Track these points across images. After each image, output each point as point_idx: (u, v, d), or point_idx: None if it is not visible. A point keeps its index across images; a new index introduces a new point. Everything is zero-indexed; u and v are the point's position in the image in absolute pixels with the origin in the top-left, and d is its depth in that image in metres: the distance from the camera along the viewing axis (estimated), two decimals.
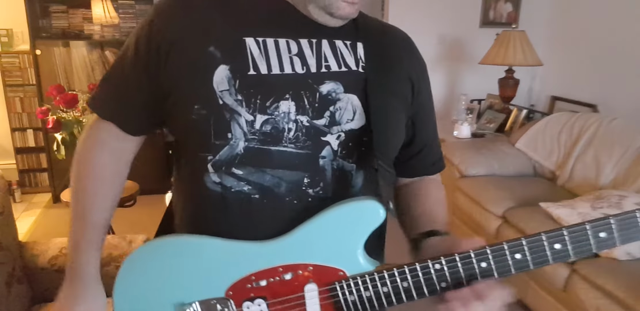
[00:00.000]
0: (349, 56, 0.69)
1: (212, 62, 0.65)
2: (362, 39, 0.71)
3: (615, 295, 1.62)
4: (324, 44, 0.68)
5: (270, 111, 0.65)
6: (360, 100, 0.68)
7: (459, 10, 4.19)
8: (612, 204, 1.94)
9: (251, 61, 0.65)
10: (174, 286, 0.68)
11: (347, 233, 0.64)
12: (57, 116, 2.10)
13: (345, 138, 0.68)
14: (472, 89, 4.06)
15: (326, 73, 0.67)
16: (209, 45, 0.65)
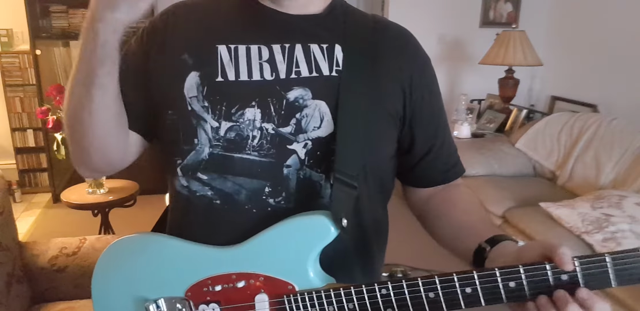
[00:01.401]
0: (323, 60, 0.67)
1: (184, 69, 0.66)
2: (342, 41, 0.68)
3: (616, 295, 1.62)
4: (297, 49, 0.66)
5: (235, 118, 0.65)
6: (330, 106, 0.65)
7: (459, 10, 4.19)
8: (612, 204, 1.94)
9: (220, 67, 0.66)
10: (141, 281, 0.70)
11: (298, 246, 0.64)
12: (57, 115, 2.10)
13: (313, 146, 0.65)
14: (472, 89, 4.06)
15: (295, 79, 0.65)
16: (183, 52, 0.67)
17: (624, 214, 1.88)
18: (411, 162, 0.75)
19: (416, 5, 4.07)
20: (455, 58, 4.23)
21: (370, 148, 0.68)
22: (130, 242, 0.73)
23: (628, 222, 1.84)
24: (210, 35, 0.67)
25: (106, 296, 0.73)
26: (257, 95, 0.65)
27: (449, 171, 0.77)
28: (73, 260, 1.50)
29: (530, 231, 2.04)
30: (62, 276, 1.49)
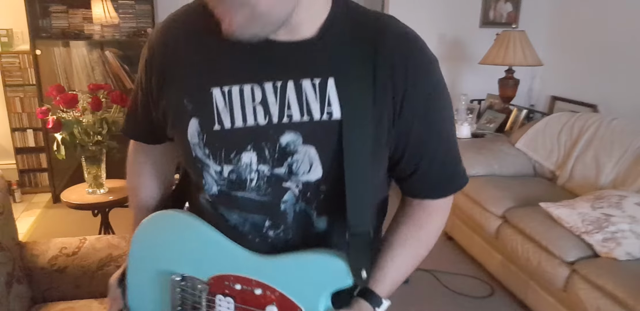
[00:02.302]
0: (315, 100, 0.65)
1: (186, 115, 0.70)
2: (336, 72, 0.65)
3: (616, 295, 1.62)
4: (289, 88, 0.66)
5: (234, 162, 0.69)
6: (319, 151, 0.66)
7: (459, 10, 4.19)
8: (612, 204, 1.94)
9: (216, 115, 0.68)
10: (175, 255, 0.76)
11: (316, 280, 0.68)
12: (57, 116, 2.10)
13: (304, 188, 0.69)
14: (472, 89, 4.06)
15: (287, 123, 0.66)
16: (183, 97, 0.70)
17: (624, 214, 1.88)
18: (400, 175, 0.75)
19: (416, 5, 4.07)
20: (455, 58, 4.23)
21: (375, 191, 0.72)
22: (175, 218, 0.78)
23: (628, 222, 1.84)
24: (205, 77, 0.69)
25: (141, 260, 0.80)
26: (252, 139, 0.68)
27: (433, 189, 0.75)
28: (73, 260, 1.50)
29: (530, 231, 2.04)
30: (62, 276, 1.49)
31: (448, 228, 2.80)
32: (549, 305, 1.95)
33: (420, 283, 2.36)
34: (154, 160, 0.89)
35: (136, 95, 0.81)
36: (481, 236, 2.44)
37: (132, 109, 0.84)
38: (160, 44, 0.73)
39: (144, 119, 0.80)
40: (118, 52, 3.35)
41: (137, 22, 3.36)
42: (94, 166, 2.23)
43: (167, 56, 0.72)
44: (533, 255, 1.99)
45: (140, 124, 0.82)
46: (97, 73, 3.34)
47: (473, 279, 2.41)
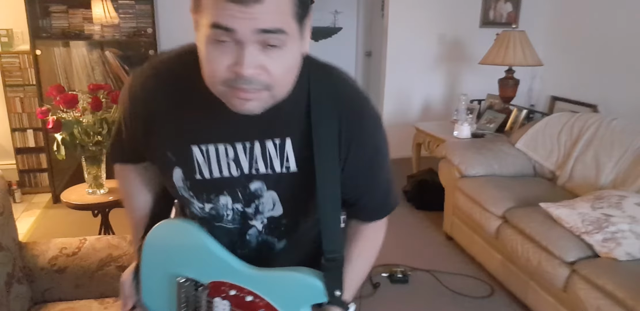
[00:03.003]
0: (276, 157, 0.79)
1: (170, 164, 0.82)
2: (292, 134, 0.77)
3: (616, 295, 1.62)
4: (255, 148, 0.78)
5: (214, 201, 0.84)
6: (279, 195, 0.82)
7: (459, 10, 4.19)
8: (612, 205, 1.94)
9: (197, 167, 0.80)
10: (181, 260, 0.86)
11: (297, 295, 0.80)
12: (57, 116, 2.10)
13: (268, 222, 0.86)
14: (472, 89, 4.07)
15: (255, 175, 0.80)
16: (166, 149, 0.81)
17: (624, 214, 1.88)
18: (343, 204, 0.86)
19: (416, 5, 4.07)
20: (455, 58, 4.23)
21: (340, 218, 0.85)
22: (182, 226, 0.87)
23: (628, 222, 1.84)
24: (186, 136, 0.79)
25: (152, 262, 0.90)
26: (228, 186, 0.82)
27: (363, 212, 0.90)
28: (73, 260, 1.50)
29: (530, 231, 2.04)
30: (62, 276, 1.49)
31: (448, 228, 2.80)
32: (549, 305, 1.95)
33: (420, 283, 2.36)
34: (142, 173, 0.98)
35: (120, 130, 0.88)
36: (481, 236, 2.44)
37: (116, 139, 0.92)
38: (144, 97, 0.80)
39: (130, 146, 0.89)
40: (118, 52, 3.35)
41: (137, 22, 3.36)
42: (94, 166, 2.23)
43: (151, 111, 0.80)
44: (533, 255, 1.99)
45: (126, 150, 0.92)
46: (97, 73, 3.34)
47: (473, 279, 2.41)
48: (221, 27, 0.62)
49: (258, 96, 0.67)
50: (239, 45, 0.63)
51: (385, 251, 0.98)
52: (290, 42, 0.65)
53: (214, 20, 0.62)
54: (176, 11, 3.61)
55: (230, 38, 0.63)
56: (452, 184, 2.70)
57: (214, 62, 0.65)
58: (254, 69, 0.64)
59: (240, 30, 0.62)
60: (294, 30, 0.65)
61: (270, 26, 0.62)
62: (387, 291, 2.29)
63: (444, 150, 2.79)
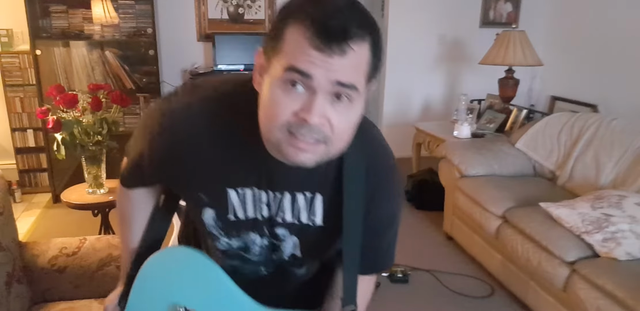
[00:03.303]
0: (304, 210, 0.81)
1: (201, 203, 0.81)
2: (324, 191, 0.80)
3: (616, 295, 1.62)
4: (285, 198, 0.80)
5: (242, 237, 0.85)
6: (300, 241, 0.85)
7: (459, 11, 4.19)
8: (612, 204, 1.94)
9: (231, 208, 0.81)
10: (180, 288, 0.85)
11: None
12: (57, 116, 2.10)
13: (288, 259, 0.88)
14: (472, 89, 4.06)
15: (281, 222, 0.83)
16: (198, 191, 0.81)
17: (624, 214, 1.88)
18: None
19: (416, 5, 4.07)
20: (455, 58, 4.23)
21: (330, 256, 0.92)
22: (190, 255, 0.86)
23: (628, 222, 1.84)
24: (222, 180, 0.79)
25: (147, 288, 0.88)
26: (256, 227, 0.84)
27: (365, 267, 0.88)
28: (73, 260, 1.50)
29: (530, 231, 2.04)
30: (62, 276, 1.49)
31: (448, 228, 2.80)
32: (549, 305, 1.95)
33: (420, 283, 2.36)
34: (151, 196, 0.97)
35: (141, 157, 0.83)
36: (481, 236, 2.44)
37: (135, 165, 0.86)
38: (185, 133, 0.77)
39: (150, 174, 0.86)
40: (118, 52, 3.35)
41: (137, 22, 3.36)
42: (94, 166, 2.23)
43: (190, 148, 0.77)
44: (533, 255, 1.99)
45: (146, 177, 0.88)
46: (97, 73, 3.34)
47: (473, 279, 2.41)
48: (299, 71, 0.62)
49: (314, 149, 0.66)
50: (310, 92, 0.63)
51: None
52: (357, 99, 0.66)
53: (293, 64, 0.62)
54: (176, 11, 3.61)
55: (303, 84, 0.63)
56: (452, 184, 2.70)
57: (279, 105, 0.64)
58: (320, 118, 0.64)
59: (317, 77, 0.62)
60: (363, 89, 0.66)
61: (347, 80, 0.63)
62: (387, 291, 2.29)
63: (444, 150, 2.79)
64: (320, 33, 0.61)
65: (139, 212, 0.97)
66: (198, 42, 3.71)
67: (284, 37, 0.64)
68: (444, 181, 2.81)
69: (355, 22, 0.62)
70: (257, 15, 3.75)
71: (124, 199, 0.97)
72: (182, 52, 3.67)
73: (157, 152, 0.79)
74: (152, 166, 0.82)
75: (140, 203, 0.97)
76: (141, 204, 0.97)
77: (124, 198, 0.97)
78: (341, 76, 0.62)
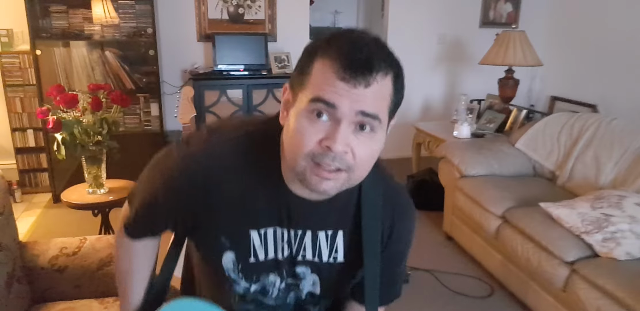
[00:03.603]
0: (325, 248, 0.83)
1: (222, 248, 0.81)
2: (344, 227, 0.82)
3: (616, 295, 1.62)
4: (307, 236, 0.81)
5: (261, 281, 0.85)
6: (320, 278, 0.86)
7: (459, 11, 4.19)
8: (612, 204, 1.94)
9: (252, 250, 0.81)
10: None
11: None
12: (57, 116, 2.10)
13: (306, 298, 0.88)
14: (472, 89, 4.07)
15: (302, 261, 0.84)
16: (221, 235, 0.80)
17: (624, 214, 1.88)
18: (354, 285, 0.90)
19: (416, 5, 4.07)
20: (455, 58, 4.23)
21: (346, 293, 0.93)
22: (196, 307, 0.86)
23: (628, 222, 1.84)
24: (244, 221, 0.79)
25: None
26: (277, 267, 0.84)
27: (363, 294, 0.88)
28: (73, 260, 1.50)
29: (530, 231, 2.04)
30: (63, 276, 1.49)
31: (448, 228, 2.80)
32: (548, 305, 1.95)
33: (420, 283, 2.36)
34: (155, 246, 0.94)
35: (153, 202, 0.82)
36: (481, 236, 2.44)
37: (145, 213, 0.85)
38: (201, 180, 0.77)
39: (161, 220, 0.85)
40: (118, 52, 3.35)
41: (137, 22, 3.36)
42: (94, 166, 2.23)
43: (208, 194, 0.77)
44: (533, 255, 1.99)
45: (156, 224, 0.87)
46: (97, 73, 3.34)
47: (473, 279, 2.41)
48: (324, 102, 0.65)
49: (337, 177, 0.69)
50: (334, 121, 0.66)
51: None
52: (380, 130, 0.69)
53: (319, 95, 0.65)
54: (176, 11, 3.61)
55: (328, 114, 0.66)
56: (452, 184, 2.71)
57: (305, 134, 0.67)
58: (344, 147, 0.66)
59: (342, 107, 0.65)
60: (385, 121, 0.69)
61: (370, 110, 0.66)
62: None
63: (443, 150, 2.79)
64: (347, 65, 0.64)
65: (143, 267, 0.93)
66: (198, 42, 3.71)
67: (311, 72, 0.67)
68: (444, 181, 2.82)
69: (379, 56, 0.66)
70: (257, 16, 3.75)
71: (127, 254, 0.92)
72: (182, 52, 3.68)
73: (175, 197, 0.78)
74: (167, 212, 0.80)
75: (145, 256, 0.92)
76: (145, 259, 0.93)
77: (126, 252, 0.92)
78: (365, 106, 0.65)
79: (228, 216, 0.78)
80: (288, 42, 3.83)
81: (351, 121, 0.66)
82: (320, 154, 0.67)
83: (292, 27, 3.84)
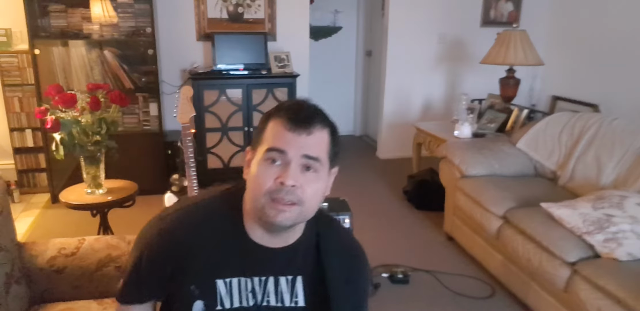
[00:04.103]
0: (287, 292, 0.93)
1: (192, 297, 0.90)
2: (303, 273, 0.93)
3: (617, 296, 1.62)
4: (269, 283, 0.92)
5: None
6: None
7: (460, 10, 4.18)
8: (613, 205, 1.93)
9: (219, 298, 0.91)
10: None
11: None
12: (55, 115, 2.09)
13: None
14: (473, 89, 4.06)
15: (266, 306, 0.93)
16: (192, 284, 0.90)
17: (625, 214, 1.87)
18: None
19: (416, 5, 4.07)
20: (455, 58, 4.22)
21: None
22: None
23: (629, 222, 1.83)
24: (211, 272, 0.90)
25: None
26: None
27: None
28: (72, 261, 1.50)
29: (531, 231, 2.03)
30: (61, 276, 1.49)
31: (448, 228, 2.79)
32: (549, 305, 1.95)
33: (420, 284, 2.36)
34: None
35: (139, 269, 0.92)
36: (482, 236, 2.43)
37: (133, 279, 0.94)
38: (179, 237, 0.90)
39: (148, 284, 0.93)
40: (117, 52, 3.34)
41: (136, 22, 3.35)
42: (92, 166, 2.22)
43: (183, 249, 0.90)
44: (534, 256, 1.98)
45: (143, 289, 0.95)
46: (95, 73, 3.33)
47: (474, 279, 2.40)
48: (276, 150, 0.83)
49: (291, 209, 0.84)
50: (285, 164, 0.83)
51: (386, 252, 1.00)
52: (322, 171, 0.86)
53: (272, 145, 0.84)
54: (175, 10, 3.60)
55: (280, 159, 0.83)
56: (452, 184, 2.70)
57: (263, 176, 0.84)
58: (294, 182, 0.82)
59: (290, 152, 0.83)
60: (325, 164, 0.87)
61: (312, 154, 0.84)
62: (387, 291, 2.28)
63: (444, 150, 2.78)
64: (292, 120, 0.84)
65: None
66: (197, 42, 3.70)
67: (266, 130, 0.86)
68: (445, 181, 2.81)
69: (318, 114, 0.87)
70: (256, 15, 3.74)
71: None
72: (181, 52, 3.67)
73: (156, 252, 0.90)
74: (150, 267, 0.91)
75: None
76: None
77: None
78: (308, 150, 0.83)
79: (199, 266, 0.89)
80: (288, 41, 3.82)
81: (298, 164, 0.83)
82: (276, 190, 0.83)
83: (292, 27, 3.83)
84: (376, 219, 3.08)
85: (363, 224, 2.89)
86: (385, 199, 3.42)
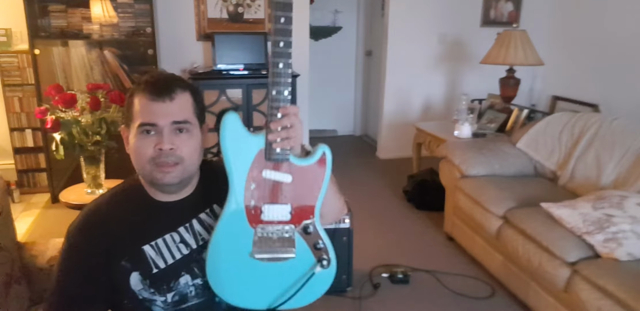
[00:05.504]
0: (214, 222, 0.96)
1: (127, 272, 0.95)
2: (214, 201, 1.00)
3: (617, 296, 1.62)
4: (194, 224, 0.99)
5: (175, 287, 0.97)
6: None
7: (460, 10, 4.18)
8: (614, 205, 1.93)
9: (152, 262, 0.96)
10: None
11: None
12: (55, 115, 2.09)
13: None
14: (473, 89, 4.06)
15: (204, 244, 0.98)
16: (120, 260, 0.95)
17: (625, 214, 1.87)
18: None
19: (416, 5, 4.07)
20: (456, 58, 4.22)
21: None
22: None
23: (629, 222, 1.83)
24: (134, 240, 0.96)
25: None
26: (184, 266, 0.98)
27: None
28: None
29: (531, 231, 2.03)
30: None
31: (449, 228, 2.79)
32: (549, 305, 1.94)
33: (420, 284, 2.35)
34: None
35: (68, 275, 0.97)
36: (482, 236, 2.43)
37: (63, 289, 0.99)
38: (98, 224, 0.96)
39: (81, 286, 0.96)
40: (117, 52, 3.34)
41: (136, 22, 3.35)
42: (92, 166, 2.23)
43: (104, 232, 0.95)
44: (534, 256, 1.98)
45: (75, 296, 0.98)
46: (95, 73, 3.33)
47: (474, 280, 2.40)
48: (147, 124, 0.90)
49: (174, 169, 0.92)
50: (159, 133, 0.91)
51: (386, 252, 0.99)
52: (193, 129, 0.94)
53: (142, 121, 0.90)
54: (175, 10, 3.60)
55: (154, 130, 0.91)
56: (452, 184, 2.70)
57: (142, 146, 0.91)
58: (170, 145, 0.91)
59: (160, 123, 0.90)
60: (195, 123, 0.95)
61: (179, 119, 0.92)
62: (387, 291, 2.28)
63: (444, 150, 2.78)
64: (153, 91, 0.90)
65: None
66: (197, 42, 3.70)
67: (133, 106, 0.92)
68: (445, 181, 2.81)
69: (176, 80, 0.94)
70: (256, 15, 3.74)
71: None
72: (181, 52, 3.67)
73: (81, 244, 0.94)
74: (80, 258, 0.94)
75: None
76: None
77: None
78: (175, 116, 0.91)
79: (121, 243, 0.95)
80: None
81: (170, 129, 0.91)
82: (157, 156, 0.91)
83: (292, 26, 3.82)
84: (376, 219, 3.08)
85: (363, 225, 2.89)
86: (385, 200, 3.42)
